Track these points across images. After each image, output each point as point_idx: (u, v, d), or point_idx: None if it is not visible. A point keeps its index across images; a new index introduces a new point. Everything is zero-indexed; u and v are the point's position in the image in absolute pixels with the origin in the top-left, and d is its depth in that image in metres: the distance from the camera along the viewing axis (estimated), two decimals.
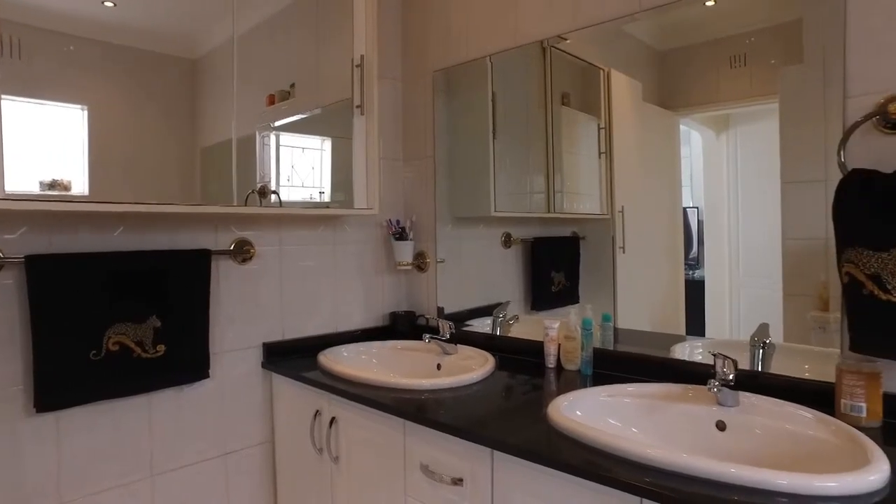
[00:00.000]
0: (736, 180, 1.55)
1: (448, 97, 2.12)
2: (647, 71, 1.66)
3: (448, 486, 1.27)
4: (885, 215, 1.08)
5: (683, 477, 0.94)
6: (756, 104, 1.47)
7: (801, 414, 1.14)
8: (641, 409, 1.30)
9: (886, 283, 1.08)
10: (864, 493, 0.86)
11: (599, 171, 1.75)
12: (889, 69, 1.15)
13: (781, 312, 1.37)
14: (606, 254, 1.75)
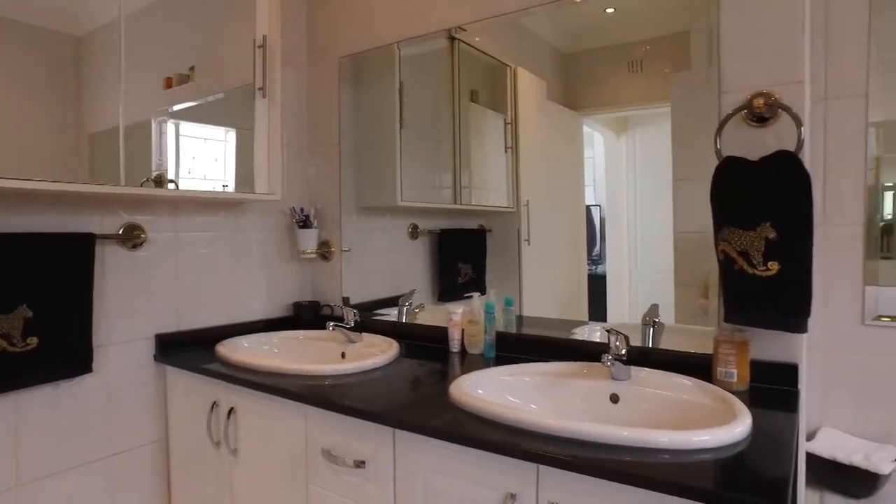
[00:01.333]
0: (634, 180, 1.65)
1: (355, 85, 2.10)
2: (553, 71, 1.73)
3: (351, 469, 1.25)
4: (752, 198, 1.19)
5: (577, 442, 0.98)
6: (652, 108, 1.57)
7: (684, 383, 1.23)
8: (540, 386, 1.35)
9: (753, 258, 1.18)
10: (730, 443, 0.96)
11: (506, 165, 1.80)
12: (753, 69, 1.27)
13: (673, 301, 1.47)
14: (512, 246, 1.80)
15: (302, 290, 2.17)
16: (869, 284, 1.41)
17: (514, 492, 1.01)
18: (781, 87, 1.23)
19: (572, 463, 0.93)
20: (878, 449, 1.30)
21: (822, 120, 1.40)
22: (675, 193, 1.47)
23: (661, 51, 1.52)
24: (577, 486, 0.95)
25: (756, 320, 1.20)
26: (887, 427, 1.36)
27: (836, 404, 1.41)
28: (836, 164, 1.40)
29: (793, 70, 1.23)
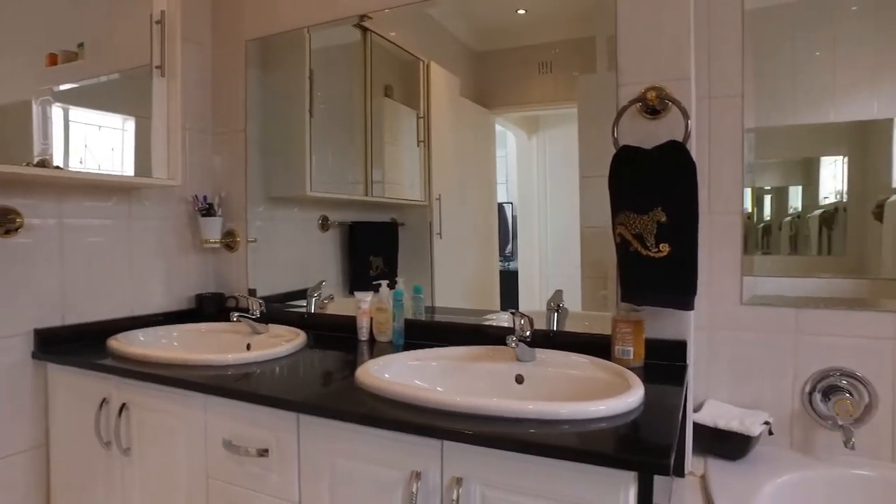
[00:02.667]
0: (545, 178, 1.71)
1: (264, 70, 2.03)
2: (466, 69, 1.76)
3: (254, 458, 1.20)
4: (645, 184, 1.27)
5: (481, 417, 1.00)
6: (561, 108, 1.63)
7: (585, 361, 1.29)
8: (447, 370, 1.36)
9: (647, 241, 1.26)
10: (625, 412, 1.01)
11: (418, 159, 1.80)
12: (647, 66, 1.36)
13: (580, 293, 1.54)
14: (424, 239, 1.80)
15: (205, 281, 2.06)
16: (747, 275, 1.54)
17: (418, 470, 1.01)
18: (671, 83, 1.32)
19: (476, 436, 0.94)
20: (751, 415, 1.42)
21: (706, 116, 1.51)
22: (581, 190, 1.54)
23: (570, 54, 1.58)
24: (480, 461, 0.97)
25: (649, 299, 1.28)
26: (759, 395, 1.50)
27: (718, 378, 1.53)
28: (719, 157, 1.52)
29: (681, 67, 1.33)
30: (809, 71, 1.54)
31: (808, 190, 1.59)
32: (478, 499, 0.98)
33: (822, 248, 1.56)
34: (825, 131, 1.57)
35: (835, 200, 1.55)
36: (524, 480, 0.93)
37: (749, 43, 1.52)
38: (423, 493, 1.01)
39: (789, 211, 1.60)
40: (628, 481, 0.86)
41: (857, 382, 1.41)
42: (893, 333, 1.39)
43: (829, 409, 1.41)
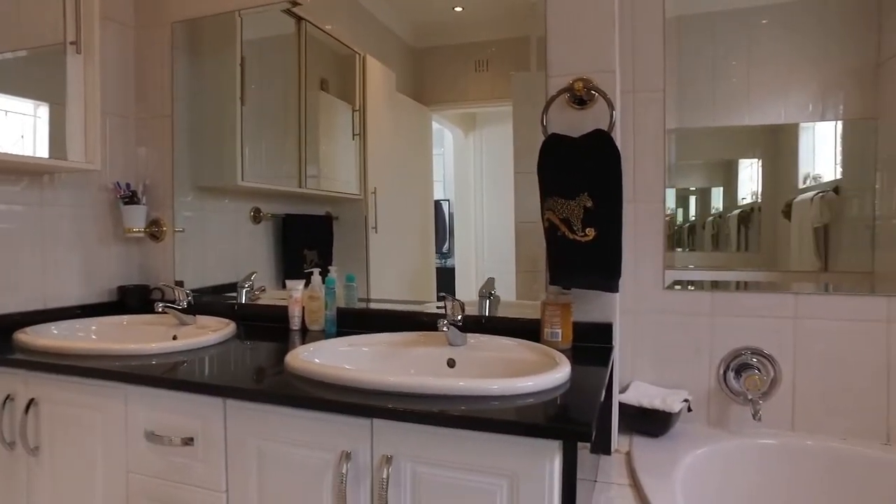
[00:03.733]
0: (481, 176, 1.73)
1: (192, 54, 1.95)
2: (402, 64, 1.76)
3: (178, 448, 1.16)
4: (572, 170, 1.31)
5: (411, 396, 1.00)
6: (497, 105, 1.66)
7: (515, 344, 1.32)
8: (378, 355, 1.36)
9: (574, 225, 1.31)
10: (552, 387, 1.05)
11: (354, 152, 1.79)
12: (575, 58, 1.41)
13: (514, 287, 1.57)
14: (360, 233, 1.79)
15: (128, 272, 1.97)
16: (673, 269, 1.62)
17: (348, 450, 1.01)
18: (597, 75, 1.37)
19: (406, 413, 0.95)
20: (672, 394, 1.50)
21: (631, 108, 1.58)
22: (515, 186, 1.57)
23: (506, 52, 1.62)
24: (411, 438, 0.97)
25: (577, 282, 1.33)
26: (679, 375, 1.57)
27: (643, 360, 1.61)
28: (643, 148, 1.59)
29: (606, 60, 1.39)
30: (727, 77, 1.64)
31: (728, 191, 1.69)
32: (408, 476, 0.98)
33: (740, 245, 1.67)
34: (742, 134, 1.67)
35: (751, 201, 1.66)
36: (454, 456, 0.95)
37: (672, 48, 1.60)
38: (353, 473, 1.01)
39: (711, 211, 1.70)
40: (554, 451, 0.89)
41: (764, 359, 1.51)
42: (794, 313, 1.50)
43: (740, 385, 1.51)
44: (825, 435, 1.47)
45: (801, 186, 1.64)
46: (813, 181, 1.63)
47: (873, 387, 1.46)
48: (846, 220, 1.58)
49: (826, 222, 1.59)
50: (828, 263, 1.59)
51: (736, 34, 1.64)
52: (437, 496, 0.96)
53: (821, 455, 1.42)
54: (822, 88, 1.59)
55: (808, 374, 1.49)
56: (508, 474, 0.92)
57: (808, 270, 1.59)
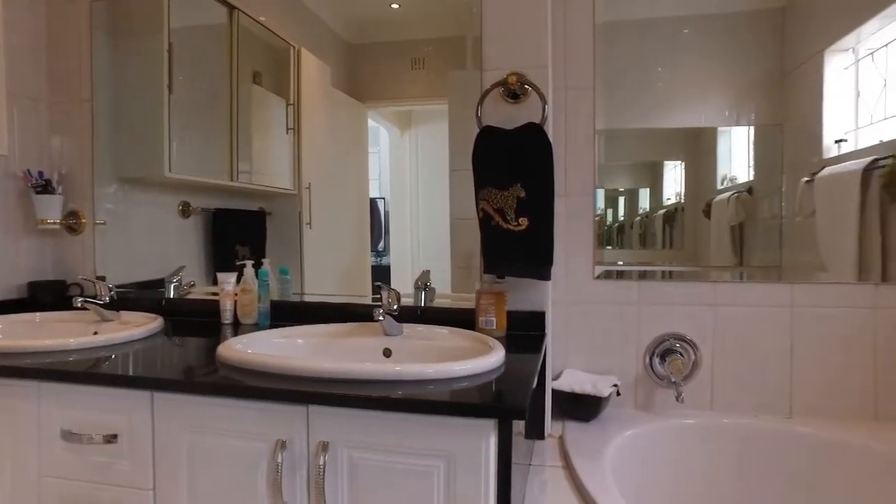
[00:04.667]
0: (417, 174, 1.74)
1: (114, 37, 1.85)
2: (338, 59, 1.74)
3: (99, 446, 1.10)
4: (506, 162, 1.34)
5: (348, 381, 1.00)
6: (433, 104, 1.67)
7: (451, 333, 1.34)
8: (314, 346, 1.34)
9: (507, 215, 1.34)
10: (486, 371, 1.08)
11: (288, 147, 1.76)
12: (509, 53, 1.45)
13: (450, 284, 1.58)
14: (294, 229, 1.76)
15: (41, 267, 1.84)
16: (599, 264, 1.68)
17: (283, 438, 0.99)
18: (530, 70, 1.42)
19: (343, 398, 0.95)
20: (602, 379, 1.56)
21: (563, 104, 1.64)
22: (451, 183, 1.59)
23: (442, 51, 1.63)
24: (348, 424, 0.97)
25: (510, 270, 1.36)
26: (609, 362, 1.64)
27: (575, 348, 1.66)
28: (574, 143, 1.65)
29: (539, 57, 1.43)
30: (653, 81, 1.73)
31: (654, 192, 1.78)
32: (345, 462, 0.98)
33: (665, 243, 1.76)
34: (667, 137, 1.77)
35: (675, 201, 1.76)
36: (392, 439, 0.95)
37: (602, 51, 1.67)
38: (288, 462, 0.99)
39: (639, 211, 1.78)
40: (489, 430, 0.91)
41: (686, 345, 1.60)
42: (713, 300, 1.60)
43: (665, 369, 1.59)
44: (738, 412, 1.58)
45: (720, 187, 1.74)
46: (730, 182, 1.74)
47: (778, 366, 1.58)
48: (758, 219, 1.69)
49: (741, 221, 1.71)
50: (743, 259, 1.70)
51: (661, 41, 1.73)
52: (375, 481, 0.96)
53: (734, 431, 1.52)
54: (737, 95, 1.70)
55: (724, 357, 1.59)
56: (445, 455, 0.93)
57: (725, 266, 1.70)
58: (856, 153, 1.67)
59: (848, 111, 1.71)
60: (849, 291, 1.55)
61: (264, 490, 1.01)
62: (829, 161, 1.69)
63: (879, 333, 1.53)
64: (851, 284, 1.56)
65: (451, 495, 0.93)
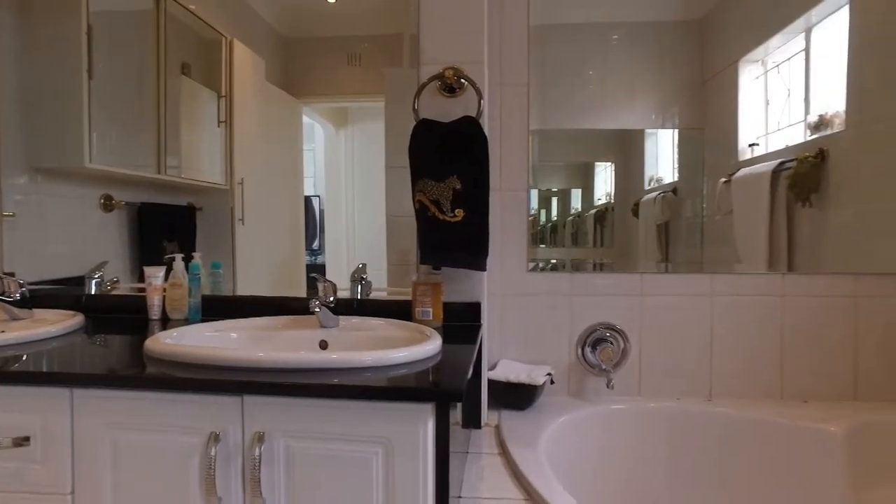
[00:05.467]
0: (353, 171, 1.73)
1: (21, 15, 1.73)
2: (272, 53, 1.71)
3: (8, 451, 1.02)
4: (442, 154, 1.36)
5: (284, 371, 0.98)
6: (370, 101, 1.67)
7: (387, 324, 1.34)
8: (248, 339, 1.31)
9: (443, 206, 1.36)
10: (424, 358, 1.09)
11: (219, 140, 1.71)
12: (446, 47, 1.46)
13: (386, 282, 1.58)
14: (226, 225, 1.71)
15: None
16: (533, 261, 1.73)
17: (217, 430, 0.96)
18: (467, 65, 1.44)
19: (280, 387, 0.93)
20: (536, 369, 1.61)
21: (498, 100, 1.68)
22: (388, 181, 1.59)
23: (379, 48, 1.63)
24: (284, 413, 0.95)
25: (446, 260, 1.38)
26: (543, 352, 1.69)
27: (510, 339, 1.70)
28: (509, 139, 1.69)
29: (475, 52, 1.46)
30: (585, 84, 1.80)
31: (586, 192, 1.85)
32: (281, 452, 0.96)
33: (597, 242, 1.83)
34: (598, 138, 1.84)
35: (605, 201, 1.84)
36: (329, 427, 0.94)
37: (537, 53, 1.72)
38: (222, 455, 0.97)
39: (571, 211, 1.84)
40: (427, 414, 0.92)
41: (616, 333, 1.67)
42: (640, 291, 1.67)
43: (596, 358, 1.65)
44: (664, 396, 1.67)
45: (647, 188, 1.84)
46: (656, 183, 1.83)
47: (699, 352, 1.67)
48: (682, 217, 1.79)
49: (667, 219, 1.81)
50: (668, 256, 1.80)
51: (593, 46, 1.81)
52: (313, 470, 0.95)
53: (660, 414, 1.60)
54: (663, 100, 1.80)
55: (651, 345, 1.68)
56: (384, 441, 0.93)
57: (652, 262, 1.79)
58: (766, 156, 1.80)
59: (759, 117, 1.84)
60: (760, 281, 1.67)
61: (196, 486, 0.98)
62: (743, 163, 1.82)
63: (786, 319, 1.65)
64: (762, 274, 1.68)
65: (389, 481, 0.93)
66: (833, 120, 1.73)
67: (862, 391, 1.64)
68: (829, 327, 1.64)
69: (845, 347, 1.64)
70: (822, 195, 1.70)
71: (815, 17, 1.77)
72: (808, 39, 1.78)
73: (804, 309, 1.65)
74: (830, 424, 1.48)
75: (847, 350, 1.64)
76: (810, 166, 1.70)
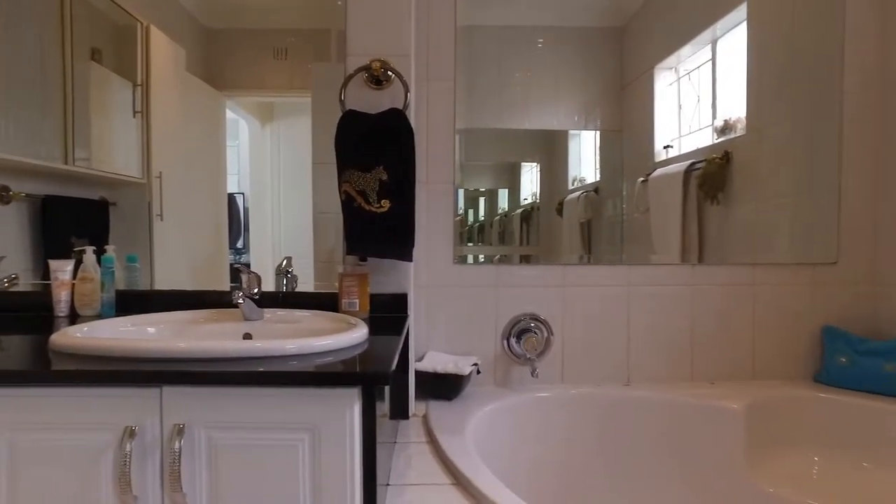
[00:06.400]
0: (279, 169, 1.69)
1: None
2: (193, 43, 1.65)
3: None
4: (368, 145, 1.37)
5: (206, 361, 0.96)
6: (296, 96, 1.64)
7: (313, 315, 1.33)
8: (168, 333, 1.26)
9: (369, 197, 1.36)
10: (350, 346, 1.09)
11: (135, 131, 1.63)
12: (373, 40, 1.47)
13: (313, 279, 1.56)
14: (142, 221, 1.63)
15: None
16: (459, 262, 1.76)
17: (133, 425, 0.92)
18: (394, 57, 1.45)
19: (201, 375, 0.90)
20: (463, 359, 1.64)
21: (425, 95, 1.70)
22: (315, 177, 1.57)
23: (306, 43, 1.61)
24: (206, 403, 0.93)
25: (372, 250, 1.39)
26: (470, 343, 1.73)
27: (437, 331, 1.73)
28: (436, 134, 1.71)
29: (402, 45, 1.47)
30: (511, 85, 1.85)
31: (512, 192, 1.90)
32: (203, 444, 0.93)
33: (523, 240, 1.88)
34: (524, 139, 1.90)
35: (531, 201, 1.89)
36: (254, 415, 0.92)
37: (464, 54, 1.75)
38: (138, 451, 0.92)
39: (498, 211, 1.89)
40: (353, 398, 0.92)
41: (540, 323, 1.73)
42: (562, 282, 1.74)
43: (521, 347, 1.70)
44: (586, 383, 1.74)
45: (571, 187, 1.91)
46: (579, 182, 1.91)
47: (618, 339, 1.76)
48: (604, 216, 1.88)
49: (589, 218, 1.89)
50: (591, 253, 1.88)
51: (519, 48, 1.86)
52: (237, 460, 0.93)
53: (582, 400, 1.67)
54: (585, 102, 1.88)
55: (573, 334, 1.75)
56: (310, 427, 0.92)
57: (575, 257, 1.87)
58: (679, 157, 1.92)
59: (673, 121, 1.96)
60: (673, 271, 1.77)
61: (109, 485, 0.93)
62: (659, 164, 1.93)
63: (696, 306, 1.77)
64: (675, 265, 1.79)
65: (316, 468, 0.93)
66: (736, 124, 1.87)
67: (759, 371, 1.78)
68: (732, 314, 1.77)
69: (745, 332, 1.78)
70: (727, 193, 1.83)
71: (720, 30, 1.91)
72: (714, 50, 1.92)
73: (711, 297, 1.77)
74: (732, 402, 1.60)
75: (747, 334, 1.78)
76: (717, 167, 1.83)
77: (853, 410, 1.59)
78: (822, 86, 1.81)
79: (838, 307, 1.78)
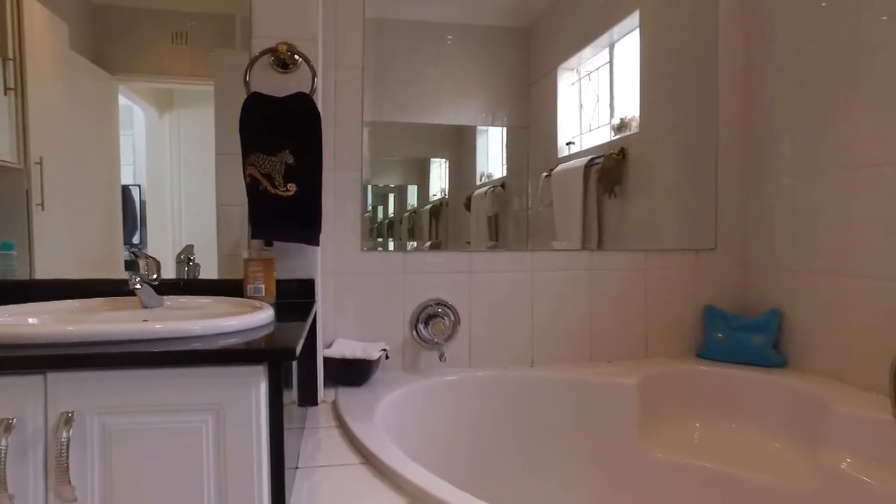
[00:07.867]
0: (178, 160, 1.61)
1: None
2: (79, 18, 1.53)
3: None
4: (274, 128, 1.35)
5: (98, 344, 0.91)
6: (198, 84, 1.57)
7: (217, 301, 1.30)
8: (60, 321, 1.17)
9: (275, 180, 1.34)
10: (255, 327, 1.07)
11: (6, 111, 1.49)
12: (279, 22, 1.45)
13: (217, 274, 1.51)
14: (20, 210, 1.50)
15: None
16: (367, 249, 1.77)
17: (10, 417, 0.85)
18: (301, 41, 1.43)
19: (91, 357, 0.85)
20: (371, 345, 1.65)
21: (333, 81, 1.69)
22: (217, 167, 1.52)
23: (208, 28, 1.54)
24: (97, 388, 0.87)
25: (278, 234, 1.37)
26: (379, 329, 1.74)
27: (346, 318, 1.72)
28: (344, 120, 1.71)
29: (310, 29, 1.46)
30: (421, 80, 1.88)
31: (421, 188, 1.93)
32: (95, 433, 0.88)
33: (432, 235, 1.91)
34: (433, 134, 1.93)
35: (440, 196, 1.93)
36: (152, 397, 0.88)
37: (372, 47, 1.75)
38: (17, 445, 0.85)
39: (408, 208, 1.91)
40: (259, 376, 0.90)
41: (447, 309, 1.77)
42: (468, 268, 1.80)
43: (429, 333, 1.74)
44: (492, 366, 1.81)
45: (479, 183, 1.97)
46: (487, 178, 1.97)
47: (523, 323, 1.84)
48: (510, 210, 1.95)
49: (496, 212, 1.96)
50: (498, 246, 1.95)
51: (428, 44, 1.89)
52: (134, 446, 0.88)
53: (489, 382, 1.73)
54: (493, 99, 1.94)
55: (480, 319, 1.80)
56: (214, 408, 0.90)
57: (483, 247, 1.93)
58: (580, 153, 2.03)
59: (574, 119, 2.08)
60: (574, 257, 1.88)
61: None
62: (561, 160, 2.04)
63: (594, 291, 1.88)
64: (576, 251, 1.90)
65: (221, 450, 0.90)
66: (631, 123, 2.01)
67: (651, 349, 1.93)
68: (627, 297, 1.91)
69: (638, 314, 1.92)
70: (623, 187, 1.97)
71: (617, 34, 2.04)
72: (612, 53, 2.05)
73: (608, 282, 1.89)
74: (627, 378, 1.73)
75: (639, 316, 1.92)
76: (614, 162, 1.96)
77: (725, 380, 1.77)
78: (702, 88, 1.99)
79: (717, 288, 1.97)
